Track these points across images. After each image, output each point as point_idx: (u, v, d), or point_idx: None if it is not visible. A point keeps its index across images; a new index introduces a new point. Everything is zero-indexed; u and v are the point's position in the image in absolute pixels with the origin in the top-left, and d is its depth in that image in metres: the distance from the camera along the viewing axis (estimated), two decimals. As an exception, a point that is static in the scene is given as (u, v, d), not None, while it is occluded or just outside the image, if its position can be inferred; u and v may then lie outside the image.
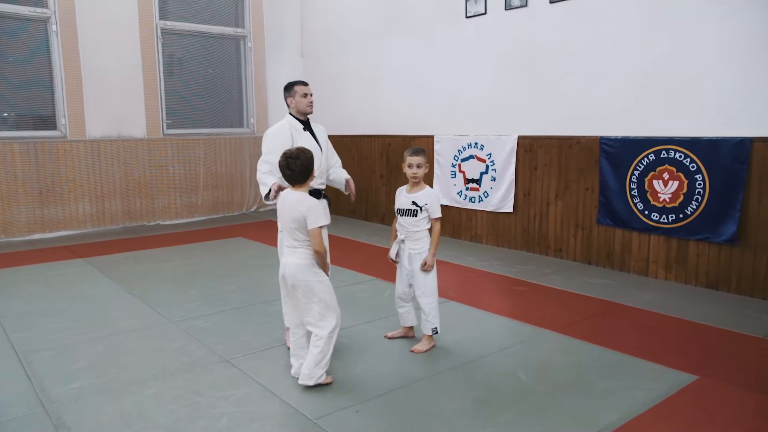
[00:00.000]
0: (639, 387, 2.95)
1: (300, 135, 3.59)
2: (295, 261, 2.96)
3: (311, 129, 3.71)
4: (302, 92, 3.60)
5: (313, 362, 2.94)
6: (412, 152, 3.42)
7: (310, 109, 3.65)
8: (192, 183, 8.56)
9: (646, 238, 5.11)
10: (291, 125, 3.62)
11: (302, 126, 3.63)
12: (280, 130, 3.58)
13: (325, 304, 2.96)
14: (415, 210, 3.41)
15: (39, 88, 7.39)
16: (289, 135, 3.53)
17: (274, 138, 3.52)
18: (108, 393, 2.92)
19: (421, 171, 3.40)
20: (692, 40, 4.67)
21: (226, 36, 8.89)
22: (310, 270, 2.95)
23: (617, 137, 5.20)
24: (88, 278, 5.19)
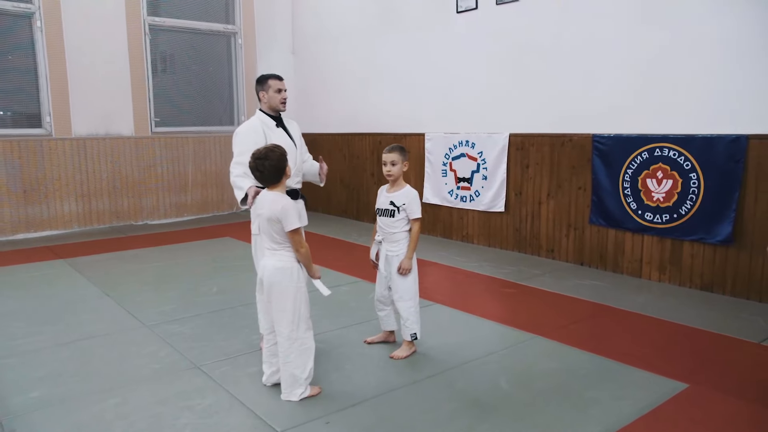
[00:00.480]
0: (626, 396, 2.81)
1: (273, 132, 3.41)
2: (273, 263, 2.81)
3: (284, 125, 3.53)
4: (276, 87, 3.43)
5: (290, 379, 2.79)
6: (387, 149, 3.28)
7: (282, 107, 3.48)
8: (181, 182, 8.42)
9: (639, 238, 4.97)
10: (263, 122, 3.44)
11: (275, 123, 3.46)
12: (252, 128, 3.40)
13: (299, 315, 2.80)
14: (392, 210, 3.27)
15: (23, 86, 7.25)
16: (262, 133, 3.36)
17: (246, 137, 3.33)
18: (68, 403, 2.78)
19: (395, 169, 3.25)
20: (688, 36, 4.53)
21: (216, 32, 8.74)
22: (289, 274, 2.80)
23: (610, 135, 5.05)
24: (65, 280, 5.05)
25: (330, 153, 8.34)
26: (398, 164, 3.24)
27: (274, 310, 2.81)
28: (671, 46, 4.62)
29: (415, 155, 6.97)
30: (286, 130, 3.52)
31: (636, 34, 4.83)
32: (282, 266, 2.80)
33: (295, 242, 2.75)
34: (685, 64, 4.55)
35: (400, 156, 3.25)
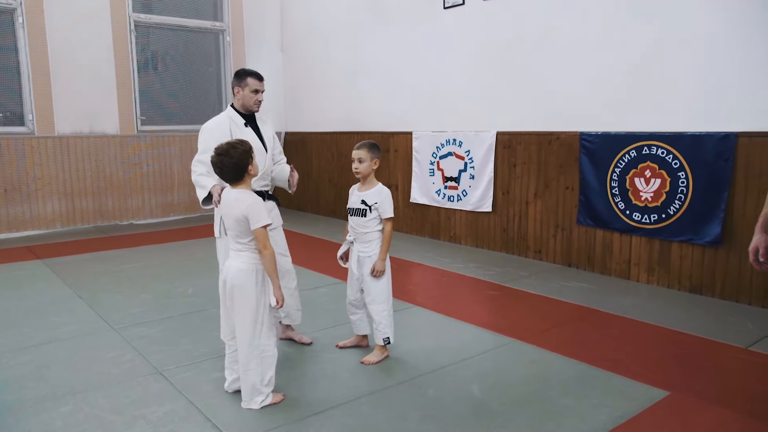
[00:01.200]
0: (603, 404, 2.68)
1: (241, 131, 3.24)
2: (237, 265, 2.67)
3: (256, 125, 3.36)
4: (254, 87, 3.25)
5: (250, 387, 2.66)
6: (356, 146, 3.15)
7: (255, 108, 3.32)
8: (167, 181, 8.30)
9: (627, 239, 4.84)
10: (231, 119, 3.28)
11: (244, 121, 3.29)
12: (218, 125, 3.24)
13: (261, 320, 2.66)
14: (364, 209, 3.14)
15: (5, 83, 7.12)
16: (228, 131, 3.19)
17: (211, 134, 3.15)
18: (19, 411, 2.65)
19: (362, 166, 3.12)
20: (677, 31, 4.39)
21: (204, 30, 8.62)
22: (253, 277, 2.66)
23: (597, 132, 4.92)
24: (39, 281, 4.92)
25: (319, 152, 8.22)
26: (366, 161, 3.11)
27: (236, 315, 2.68)
28: (660, 42, 4.49)
29: (404, 154, 6.85)
30: (257, 130, 3.35)
31: (625, 30, 4.70)
32: (246, 268, 2.66)
33: (260, 241, 2.61)
34: (674, 61, 4.42)
35: (368, 153, 3.11)
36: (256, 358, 2.64)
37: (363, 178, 3.16)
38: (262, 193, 3.31)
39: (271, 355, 2.69)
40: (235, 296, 2.66)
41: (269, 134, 3.43)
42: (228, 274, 2.70)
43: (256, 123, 3.38)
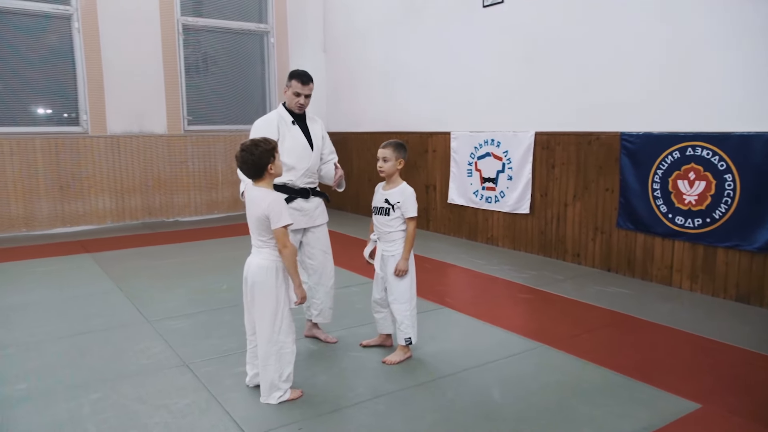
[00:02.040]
0: (627, 414, 2.58)
1: (288, 129, 3.30)
2: (257, 261, 2.73)
3: (305, 123, 3.39)
4: (295, 89, 3.29)
5: (268, 383, 2.70)
6: (382, 145, 3.14)
7: (297, 110, 3.35)
8: (212, 179, 8.52)
9: (669, 244, 4.64)
10: (280, 117, 3.34)
11: (292, 120, 3.33)
12: (268, 122, 3.31)
13: (281, 317, 2.70)
14: (387, 208, 3.13)
15: (62, 85, 7.49)
16: (276, 128, 3.26)
17: (258, 130, 3.23)
18: (50, 396, 2.78)
19: (386, 165, 3.11)
20: (723, 26, 4.19)
21: (249, 32, 8.81)
22: (273, 274, 2.70)
23: (639, 133, 4.75)
24: (84, 274, 5.14)
25: (359, 152, 8.27)
26: (391, 161, 3.10)
27: (256, 311, 2.72)
28: (705, 39, 4.29)
29: (442, 155, 6.80)
30: (305, 128, 3.38)
31: (668, 25, 4.51)
32: (266, 265, 2.70)
33: (279, 240, 2.65)
34: (720, 57, 4.21)
35: (393, 152, 3.10)
36: (274, 354, 2.68)
37: (387, 177, 3.16)
38: (307, 190, 3.33)
39: (289, 352, 2.72)
40: (255, 293, 2.71)
41: (318, 133, 3.44)
42: (248, 271, 2.74)
43: (306, 121, 3.41)
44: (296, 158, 3.26)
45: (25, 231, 7.24)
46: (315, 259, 3.41)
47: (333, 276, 3.49)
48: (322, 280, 3.43)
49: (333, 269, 3.49)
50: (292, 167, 3.25)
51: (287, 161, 3.22)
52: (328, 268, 3.45)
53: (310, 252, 3.41)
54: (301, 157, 3.28)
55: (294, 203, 3.27)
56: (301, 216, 3.29)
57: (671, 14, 4.49)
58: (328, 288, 3.45)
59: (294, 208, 3.25)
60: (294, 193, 3.29)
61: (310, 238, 3.39)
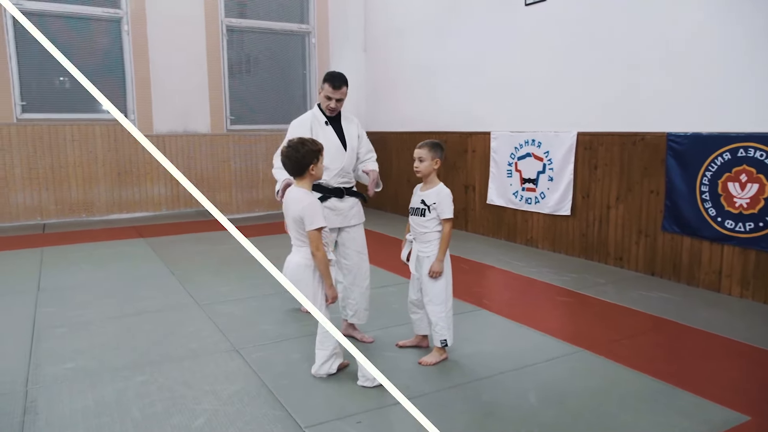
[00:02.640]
0: (669, 424, 2.49)
1: (322, 129, 3.34)
2: (296, 260, 2.79)
3: (340, 124, 3.42)
4: (326, 93, 3.31)
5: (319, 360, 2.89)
6: (418, 145, 3.13)
7: (328, 113, 3.37)
8: (253, 178, 8.67)
9: (718, 248, 4.47)
10: (314, 117, 3.39)
11: (325, 120, 3.37)
12: (302, 123, 3.36)
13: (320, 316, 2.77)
14: (423, 209, 3.12)
15: (112, 85, 7.75)
16: (309, 128, 3.30)
17: (293, 131, 3.31)
18: (97, 377, 2.87)
19: (422, 166, 3.10)
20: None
21: (290, 32, 8.93)
22: (310, 272, 2.75)
23: (687, 133, 4.59)
24: (139, 257, 5.30)
25: (398, 152, 8.26)
26: (426, 161, 3.09)
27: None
28: (756, 34, 4.11)
29: (481, 155, 6.73)
30: (339, 128, 3.41)
31: (721, 20, 4.35)
32: (304, 263, 2.75)
33: (313, 243, 2.69)
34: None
35: (429, 152, 3.09)
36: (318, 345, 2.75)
37: (424, 178, 3.14)
38: (341, 189, 3.35)
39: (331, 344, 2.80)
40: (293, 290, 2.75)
41: (353, 133, 3.46)
42: (287, 269, 2.79)
43: (341, 122, 3.43)
44: (329, 158, 3.26)
45: (85, 216, 7.53)
46: (350, 259, 3.41)
47: (368, 277, 3.48)
48: (356, 281, 3.43)
49: (368, 270, 3.48)
50: (326, 167, 3.25)
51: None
52: (363, 269, 3.44)
53: (344, 252, 3.42)
54: (334, 157, 3.30)
55: (328, 202, 3.29)
56: (335, 216, 3.31)
57: (724, 9, 4.32)
58: (363, 289, 3.45)
59: (328, 208, 3.27)
60: (328, 193, 3.31)
61: (344, 238, 3.40)
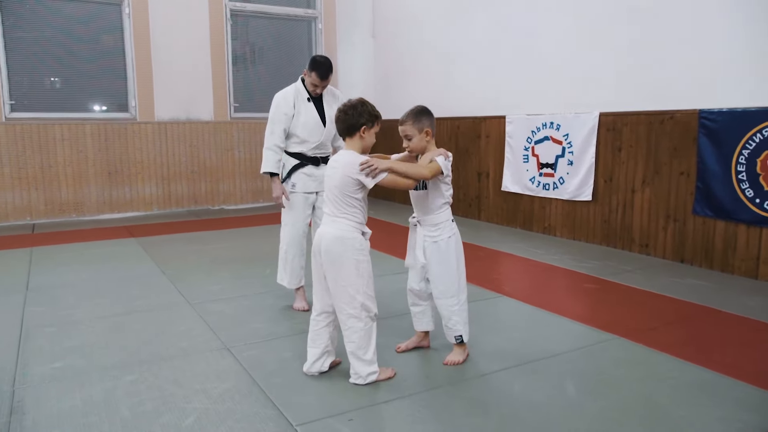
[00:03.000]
0: (732, 418, 2.21)
1: (303, 104, 3.53)
2: (332, 232, 2.45)
3: (321, 101, 3.59)
4: (313, 81, 3.47)
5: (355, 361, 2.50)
6: (399, 121, 2.75)
7: (313, 94, 3.57)
8: (258, 167, 8.36)
9: (756, 232, 4.17)
10: (297, 91, 3.55)
11: (308, 96, 3.54)
12: (285, 96, 3.54)
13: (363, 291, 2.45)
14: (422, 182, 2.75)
15: (111, 71, 7.48)
16: (292, 104, 3.51)
17: (278, 107, 3.51)
18: (85, 376, 2.61)
19: (413, 143, 2.70)
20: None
21: (296, 17, 8.65)
22: (350, 244, 2.44)
23: (721, 110, 4.29)
24: (130, 257, 5.05)
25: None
26: (415, 136, 2.71)
27: (332, 285, 2.46)
28: (804, 0, 3.82)
29: (496, 140, 6.44)
30: (320, 105, 3.58)
31: (758, -12, 4.05)
32: (343, 235, 2.44)
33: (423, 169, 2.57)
34: (822, 21, 3.74)
35: (414, 126, 2.69)
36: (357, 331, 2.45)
37: (421, 155, 2.78)
38: (318, 158, 3.59)
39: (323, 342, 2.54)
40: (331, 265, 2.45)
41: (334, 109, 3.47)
42: (322, 242, 2.47)
43: (322, 99, 3.60)
44: (308, 132, 3.52)
45: (75, 216, 7.27)
46: None
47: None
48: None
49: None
50: (305, 140, 3.53)
51: (300, 134, 3.51)
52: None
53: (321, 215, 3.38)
54: (313, 131, 3.54)
55: (305, 169, 3.57)
56: (311, 181, 3.58)
57: (762, -24, 4.03)
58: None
59: (304, 173, 3.56)
60: (305, 160, 3.59)
61: (321, 202, 3.54)
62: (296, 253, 3.58)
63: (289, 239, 3.58)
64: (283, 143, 3.52)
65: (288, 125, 3.48)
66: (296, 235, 3.57)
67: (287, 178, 3.56)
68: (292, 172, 3.57)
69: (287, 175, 3.56)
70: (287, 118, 3.46)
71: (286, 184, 3.56)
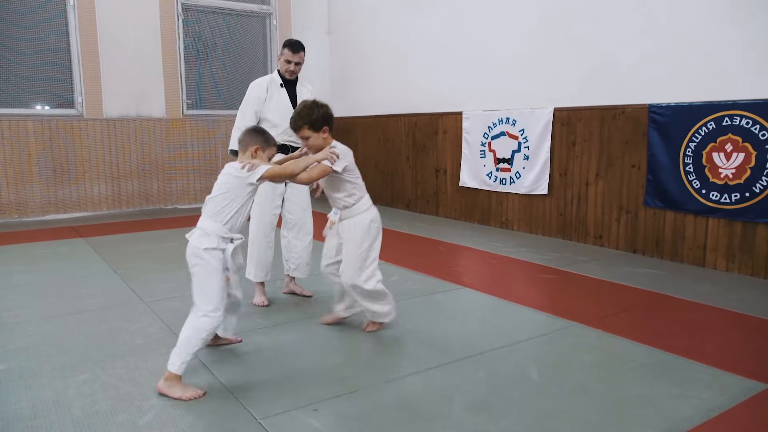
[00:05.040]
0: (688, 395, 2.27)
1: (277, 90, 3.63)
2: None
3: (294, 88, 3.70)
4: (286, 57, 3.61)
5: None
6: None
7: (288, 75, 3.65)
8: (212, 165, 8.19)
9: (702, 221, 4.33)
10: (271, 79, 3.67)
11: (281, 83, 3.65)
12: (260, 83, 3.65)
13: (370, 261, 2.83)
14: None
15: (56, 66, 7.16)
16: (265, 88, 3.61)
17: (251, 90, 3.63)
18: (32, 378, 2.46)
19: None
20: (764, -18, 3.88)
21: (250, 13, 8.49)
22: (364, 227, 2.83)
23: (669, 104, 4.44)
24: (78, 256, 4.82)
25: (365, 137, 7.95)
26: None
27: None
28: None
29: (453, 136, 6.48)
30: (293, 93, 3.67)
31: (703, -14, 4.21)
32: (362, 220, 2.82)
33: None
34: (757, 17, 3.90)
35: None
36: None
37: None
38: (287, 146, 3.60)
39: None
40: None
41: (305, 96, 3.63)
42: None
43: (295, 86, 3.70)
44: (279, 117, 3.55)
45: (17, 218, 6.91)
46: (294, 214, 3.60)
47: (311, 232, 3.66)
48: (300, 235, 3.61)
49: (312, 225, 3.66)
50: (276, 125, 3.53)
51: (271, 118, 3.56)
52: (306, 224, 3.63)
53: (289, 207, 3.61)
54: (284, 116, 3.50)
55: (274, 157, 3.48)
56: None
57: (706, -26, 4.19)
58: (306, 243, 3.63)
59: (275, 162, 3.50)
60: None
61: (290, 193, 3.59)
62: (262, 244, 3.52)
63: (256, 229, 3.54)
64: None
65: (259, 108, 3.58)
66: (263, 225, 3.52)
67: None
68: None
69: None
70: (259, 101, 3.56)
71: None
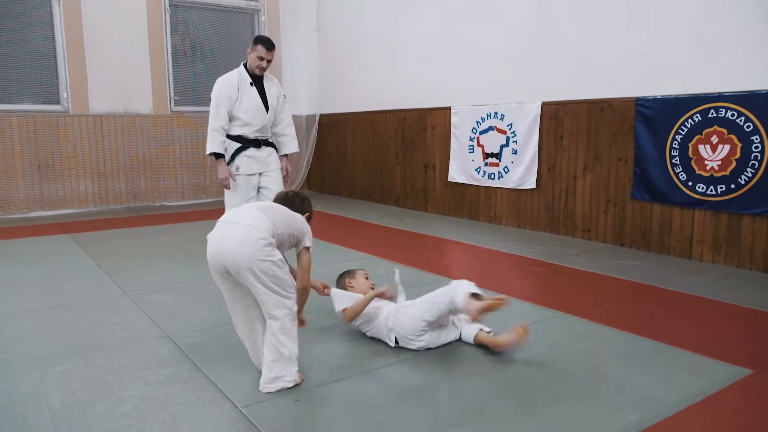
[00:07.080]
0: (673, 381, 2.27)
1: (246, 89, 3.64)
2: None
3: (262, 85, 3.72)
4: (260, 54, 3.59)
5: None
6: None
7: (258, 72, 3.68)
8: (200, 162, 8.13)
9: (689, 214, 4.35)
10: (240, 76, 3.66)
11: (250, 81, 3.67)
12: (229, 80, 3.65)
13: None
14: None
15: (41, 61, 7.08)
16: (236, 87, 3.62)
17: (222, 89, 3.61)
18: (9, 369, 2.42)
19: None
20: (749, -25, 3.91)
21: (239, 9, 8.45)
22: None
23: (656, 97, 4.45)
24: (63, 252, 4.77)
25: (353, 133, 7.93)
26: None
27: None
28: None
29: (441, 131, 6.48)
30: (262, 89, 3.71)
31: (688, -20, 4.23)
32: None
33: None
34: (742, 11, 3.93)
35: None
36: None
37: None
38: (259, 140, 3.69)
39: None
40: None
41: (274, 94, 3.78)
42: None
43: (263, 83, 3.74)
44: (251, 116, 3.63)
45: (1, 214, 6.83)
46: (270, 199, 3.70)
47: None
48: None
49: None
50: (248, 123, 3.62)
51: (243, 117, 3.61)
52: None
53: (267, 194, 3.68)
54: (255, 115, 3.64)
55: (247, 151, 3.67)
56: (254, 163, 3.70)
57: (691, -32, 4.20)
58: None
59: (247, 156, 3.67)
60: (247, 143, 3.68)
61: (264, 182, 3.70)
62: None
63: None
64: (228, 125, 3.60)
65: (231, 107, 3.57)
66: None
67: (231, 162, 3.61)
68: (235, 155, 3.71)
69: (231, 159, 3.63)
70: (231, 100, 3.55)
71: (230, 167, 3.67)
